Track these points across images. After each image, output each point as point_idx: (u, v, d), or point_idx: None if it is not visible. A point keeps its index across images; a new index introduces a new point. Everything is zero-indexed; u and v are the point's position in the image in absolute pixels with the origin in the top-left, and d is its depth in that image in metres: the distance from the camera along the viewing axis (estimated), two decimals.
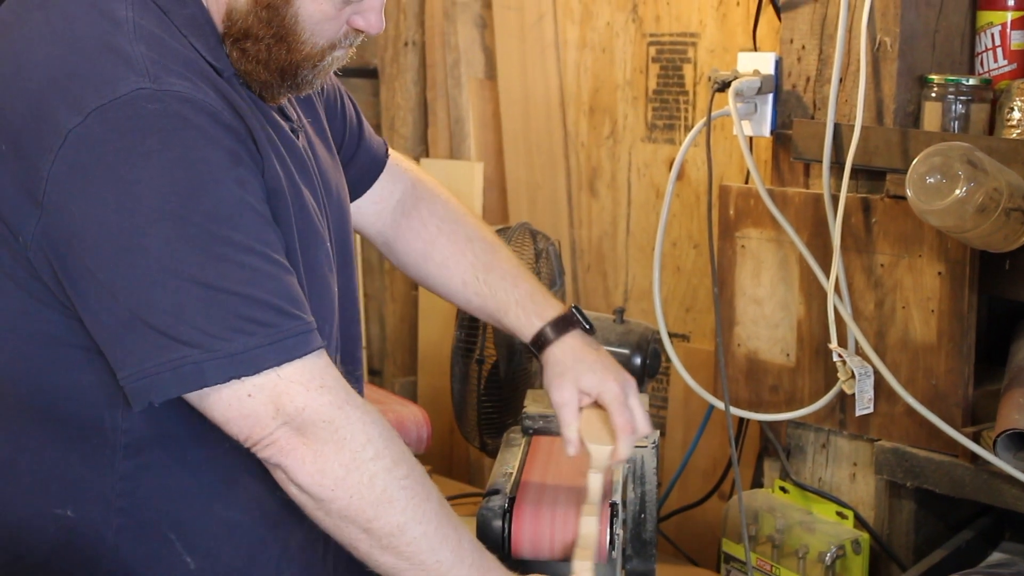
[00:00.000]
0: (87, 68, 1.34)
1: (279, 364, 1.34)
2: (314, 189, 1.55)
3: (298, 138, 1.56)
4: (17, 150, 1.35)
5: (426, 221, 1.81)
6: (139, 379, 1.34)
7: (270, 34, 1.45)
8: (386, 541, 1.38)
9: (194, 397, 1.36)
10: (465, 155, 2.98)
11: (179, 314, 1.32)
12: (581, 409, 1.69)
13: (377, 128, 3.17)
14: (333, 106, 1.76)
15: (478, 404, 2.10)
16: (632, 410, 1.68)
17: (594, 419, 1.69)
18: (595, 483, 1.60)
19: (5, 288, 1.40)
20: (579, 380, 1.69)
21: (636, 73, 2.63)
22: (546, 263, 2.19)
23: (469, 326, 2.12)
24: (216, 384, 1.34)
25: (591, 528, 1.55)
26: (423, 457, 2.82)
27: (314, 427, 1.36)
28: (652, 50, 2.61)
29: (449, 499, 2.46)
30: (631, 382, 1.71)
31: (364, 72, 3.23)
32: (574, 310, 1.75)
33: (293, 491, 1.39)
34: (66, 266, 1.35)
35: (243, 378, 1.34)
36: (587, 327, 1.74)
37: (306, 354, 1.36)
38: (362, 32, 1.49)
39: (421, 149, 3.08)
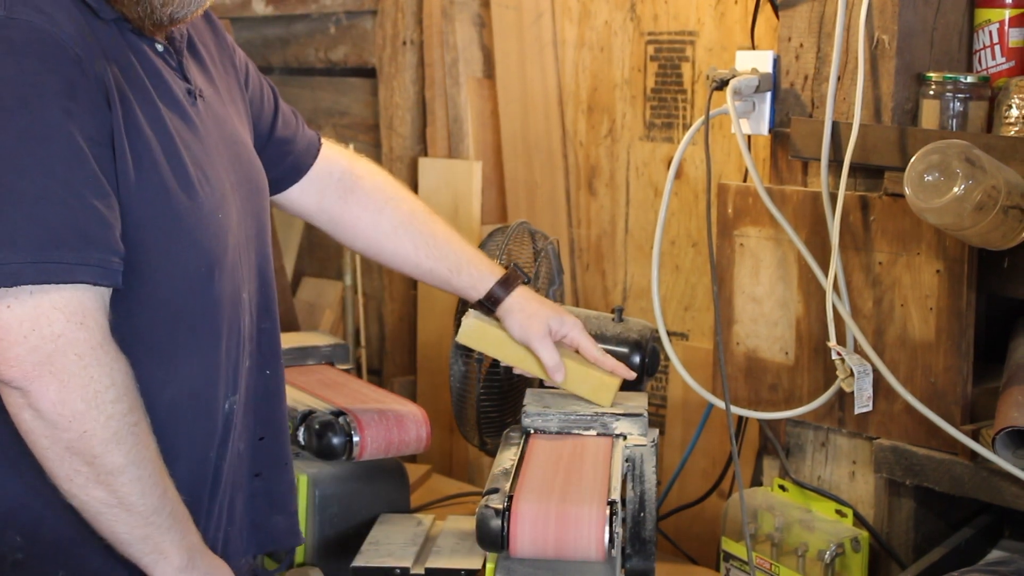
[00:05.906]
0: None
1: (36, 284, 1.39)
2: (207, 152, 1.61)
3: (195, 101, 1.62)
4: None
5: (371, 195, 1.98)
6: None
7: None
8: (104, 477, 1.44)
9: None
10: (463, 154, 2.98)
11: None
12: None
13: (375, 127, 3.18)
14: (259, 101, 1.86)
15: (477, 403, 2.10)
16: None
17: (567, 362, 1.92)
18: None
19: None
20: (548, 320, 1.92)
21: (634, 72, 2.63)
22: (545, 262, 2.19)
23: None
24: None
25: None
26: (423, 456, 2.83)
27: (65, 358, 1.40)
28: (650, 49, 2.61)
29: (449, 498, 2.48)
30: (580, 323, 1.96)
31: (362, 71, 3.23)
32: (515, 266, 1.98)
33: (27, 416, 1.42)
34: None
35: (2, 288, 1.38)
36: (527, 279, 1.98)
37: (71, 284, 1.41)
38: None
39: (419, 148, 3.08)
